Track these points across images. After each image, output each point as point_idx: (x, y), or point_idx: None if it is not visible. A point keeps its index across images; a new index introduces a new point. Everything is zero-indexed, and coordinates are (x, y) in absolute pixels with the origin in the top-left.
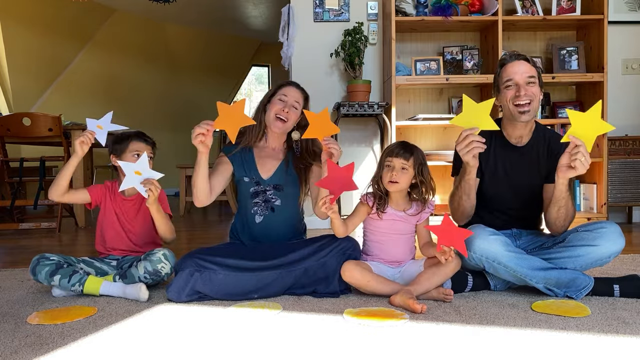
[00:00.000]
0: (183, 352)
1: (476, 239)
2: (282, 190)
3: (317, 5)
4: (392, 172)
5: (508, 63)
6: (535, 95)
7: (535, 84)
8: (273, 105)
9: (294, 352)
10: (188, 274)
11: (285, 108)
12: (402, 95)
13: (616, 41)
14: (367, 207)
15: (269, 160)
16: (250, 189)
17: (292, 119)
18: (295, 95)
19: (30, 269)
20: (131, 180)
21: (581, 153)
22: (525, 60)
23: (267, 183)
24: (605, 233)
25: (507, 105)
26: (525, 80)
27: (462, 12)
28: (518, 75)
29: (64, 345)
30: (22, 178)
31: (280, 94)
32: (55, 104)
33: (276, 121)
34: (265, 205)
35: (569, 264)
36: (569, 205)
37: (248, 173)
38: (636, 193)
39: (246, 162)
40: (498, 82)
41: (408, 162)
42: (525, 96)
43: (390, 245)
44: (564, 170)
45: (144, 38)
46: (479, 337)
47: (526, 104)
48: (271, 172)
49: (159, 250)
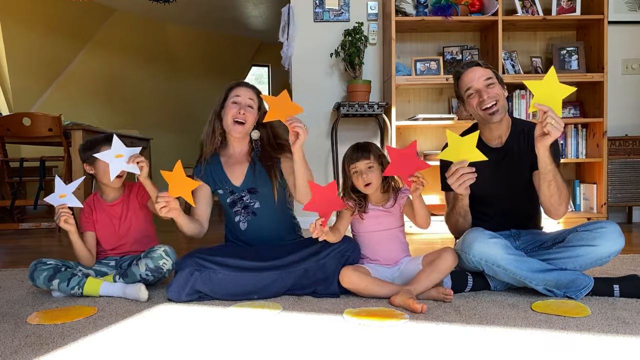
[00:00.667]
0: (183, 352)
1: (475, 242)
2: (257, 192)
3: (317, 5)
4: (362, 175)
5: (463, 73)
6: (499, 95)
7: (494, 84)
8: (228, 110)
9: (294, 352)
10: (188, 273)
11: (241, 110)
12: (402, 95)
13: (616, 41)
14: (350, 209)
15: (237, 166)
16: (227, 200)
17: (250, 119)
18: (248, 94)
19: (29, 274)
20: (117, 165)
21: (550, 117)
22: (477, 65)
23: (241, 189)
24: (605, 233)
25: (476, 112)
26: (483, 84)
27: (462, 12)
28: (475, 81)
29: (64, 345)
30: (22, 178)
31: (232, 97)
32: (55, 104)
33: (234, 125)
34: (246, 211)
35: (568, 264)
36: (559, 180)
37: (221, 185)
38: (636, 193)
39: (216, 174)
40: (459, 94)
41: (371, 160)
42: (489, 98)
43: (381, 243)
44: (540, 140)
45: (144, 38)
46: (479, 337)
47: (493, 105)
48: (242, 177)
49: (159, 247)
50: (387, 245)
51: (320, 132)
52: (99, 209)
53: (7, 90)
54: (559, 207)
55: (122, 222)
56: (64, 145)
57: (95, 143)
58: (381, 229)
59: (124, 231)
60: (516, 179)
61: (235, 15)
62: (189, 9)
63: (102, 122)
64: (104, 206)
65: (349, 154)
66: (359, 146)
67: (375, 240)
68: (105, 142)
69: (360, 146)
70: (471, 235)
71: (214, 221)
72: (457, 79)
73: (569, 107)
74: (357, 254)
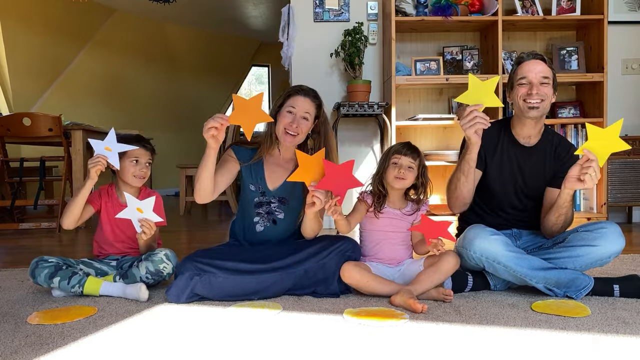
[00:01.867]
0: (183, 352)
1: (476, 239)
2: (287, 204)
3: (317, 5)
4: (400, 169)
5: (525, 61)
6: (547, 96)
7: (548, 84)
8: (282, 118)
9: (294, 352)
10: (188, 277)
11: (294, 123)
12: (402, 95)
13: (616, 41)
14: (366, 205)
15: (278, 169)
16: (255, 199)
17: (304, 131)
18: (305, 106)
19: (30, 271)
20: (131, 214)
21: (593, 168)
22: (542, 61)
23: (273, 195)
24: (605, 233)
25: (517, 101)
26: (539, 79)
27: (462, 12)
28: (532, 74)
29: (64, 345)
30: (22, 178)
31: (288, 106)
32: (55, 104)
33: (285, 135)
34: (268, 217)
35: (569, 264)
36: (569, 214)
37: (255, 181)
38: (636, 193)
39: (254, 168)
40: (512, 78)
41: (415, 162)
42: (537, 95)
43: (387, 243)
44: (572, 182)
45: (144, 38)
46: (479, 337)
47: (537, 102)
48: (278, 183)
49: (160, 251)
50: (392, 246)
51: None
52: (110, 203)
53: (7, 90)
54: (557, 232)
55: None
56: (64, 145)
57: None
58: (391, 230)
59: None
60: (532, 182)
61: (235, 15)
62: (189, 9)
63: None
64: (116, 203)
65: (398, 146)
66: (411, 145)
67: (382, 240)
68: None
69: (412, 146)
70: (472, 232)
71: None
72: (517, 65)
73: (569, 107)
74: (357, 254)
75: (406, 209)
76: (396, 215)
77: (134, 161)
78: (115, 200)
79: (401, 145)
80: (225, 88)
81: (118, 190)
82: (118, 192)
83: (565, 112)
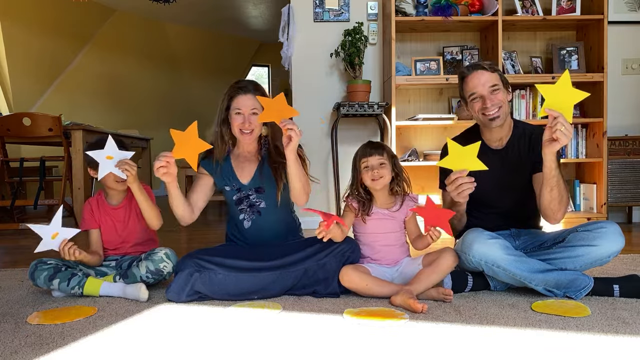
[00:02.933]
0: (183, 352)
1: (475, 243)
2: (264, 192)
3: (317, 5)
4: (372, 170)
5: (468, 75)
6: (503, 101)
7: (499, 90)
8: (233, 121)
9: (294, 352)
10: (188, 274)
11: (245, 122)
12: (402, 95)
13: (616, 41)
14: (353, 209)
15: (247, 164)
16: (233, 197)
17: (257, 125)
18: (249, 104)
19: (29, 274)
20: (105, 167)
21: (560, 123)
22: (483, 69)
23: (248, 187)
24: (605, 233)
25: (477, 115)
26: (488, 90)
27: (462, 12)
28: (480, 87)
29: (64, 345)
30: (22, 178)
31: (234, 108)
32: (55, 104)
33: (243, 135)
34: (251, 210)
35: (568, 264)
36: (561, 186)
37: (228, 182)
38: (636, 193)
39: (224, 171)
40: (463, 95)
41: (383, 157)
42: (493, 106)
43: (382, 244)
44: (548, 145)
45: (144, 38)
46: (479, 337)
47: (495, 112)
48: (250, 175)
49: (160, 250)
50: (386, 247)
51: (320, 132)
52: (102, 211)
53: (7, 90)
54: (557, 212)
55: (125, 226)
56: (64, 145)
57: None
58: (383, 231)
59: (126, 234)
60: (516, 181)
61: (235, 15)
62: (189, 9)
63: (102, 122)
64: (107, 209)
65: (361, 150)
66: (372, 143)
67: (376, 242)
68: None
69: (374, 143)
70: (471, 236)
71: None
72: (462, 80)
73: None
74: (357, 254)
75: (394, 207)
76: (385, 215)
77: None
78: (106, 207)
79: (364, 147)
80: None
81: (107, 196)
82: (107, 198)
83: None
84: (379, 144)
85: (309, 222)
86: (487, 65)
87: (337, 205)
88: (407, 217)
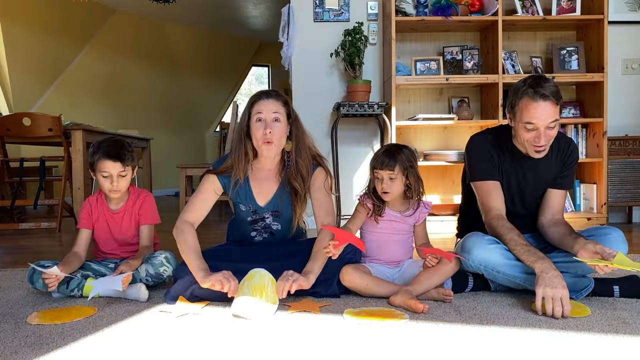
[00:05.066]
0: (183, 352)
1: (474, 248)
2: (281, 216)
3: (317, 5)
4: (382, 184)
5: (531, 103)
6: (553, 137)
7: (555, 126)
8: (255, 130)
9: (293, 351)
10: (187, 281)
11: (267, 129)
12: (402, 95)
13: (616, 41)
14: (367, 209)
15: (266, 183)
16: (248, 218)
17: (279, 134)
18: (271, 107)
19: (27, 277)
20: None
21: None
22: (551, 102)
23: (265, 210)
24: (609, 239)
25: (522, 141)
26: (547, 126)
27: (462, 12)
28: (541, 121)
29: (64, 345)
30: (22, 178)
31: (255, 114)
32: (55, 104)
33: (265, 145)
34: (265, 230)
35: (570, 269)
36: None
37: (244, 202)
38: (636, 193)
39: (241, 189)
40: (516, 112)
41: (394, 172)
42: (545, 142)
43: (388, 245)
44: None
45: (144, 38)
46: (479, 337)
47: (544, 148)
48: (268, 197)
49: (160, 254)
50: (393, 248)
51: (320, 132)
52: (100, 211)
53: (7, 90)
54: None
55: (119, 230)
56: (64, 145)
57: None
58: (392, 232)
59: (120, 237)
60: (536, 188)
61: (235, 15)
62: (189, 9)
63: (102, 122)
64: (105, 210)
65: (377, 156)
66: (389, 152)
67: (383, 242)
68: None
69: (390, 153)
70: (470, 241)
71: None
72: (521, 99)
73: (569, 107)
74: (357, 255)
75: (407, 211)
76: (397, 218)
77: (105, 175)
78: (104, 209)
79: (380, 153)
80: (225, 88)
81: (107, 198)
82: (107, 200)
83: (565, 112)
84: (394, 154)
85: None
86: (553, 97)
87: (337, 205)
88: (417, 222)
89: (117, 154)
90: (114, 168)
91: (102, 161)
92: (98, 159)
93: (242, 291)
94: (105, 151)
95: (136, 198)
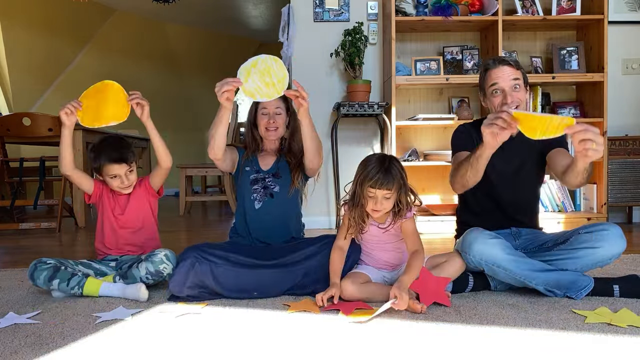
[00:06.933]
0: (183, 352)
1: (475, 243)
2: (280, 178)
3: (317, 5)
4: (375, 203)
5: (492, 68)
6: (522, 100)
7: (520, 87)
8: (260, 121)
9: (293, 351)
10: (189, 264)
11: (271, 120)
12: (402, 95)
13: (616, 41)
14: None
15: (268, 156)
16: (251, 176)
17: (281, 124)
18: (273, 103)
19: (29, 274)
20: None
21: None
22: (509, 65)
23: (266, 172)
24: (607, 235)
25: (495, 109)
26: (510, 84)
27: (462, 12)
28: (502, 79)
29: (64, 346)
30: (22, 178)
31: (260, 109)
32: (55, 104)
33: (268, 132)
34: (265, 192)
35: (569, 265)
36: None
37: (250, 165)
38: (636, 193)
39: (248, 159)
40: (484, 85)
41: (391, 191)
42: (512, 102)
43: (378, 253)
44: (581, 158)
45: (144, 38)
46: (479, 337)
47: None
48: (269, 165)
49: (160, 251)
50: (384, 253)
51: (320, 132)
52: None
53: (7, 90)
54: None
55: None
56: None
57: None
58: (381, 242)
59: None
60: (523, 166)
61: (235, 15)
62: (189, 9)
63: None
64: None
65: (371, 174)
66: (384, 169)
67: (372, 250)
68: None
69: (385, 170)
70: (471, 235)
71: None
72: (485, 72)
73: (568, 107)
74: (357, 254)
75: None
76: (378, 230)
77: (113, 177)
78: (116, 199)
79: (374, 170)
80: None
81: None
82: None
83: (565, 112)
84: (390, 172)
85: (311, 223)
86: (512, 62)
87: (337, 205)
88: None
89: (121, 156)
90: (121, 169)
91: (107, 166)
92: (103, 164)
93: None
94: (109, 156)
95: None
